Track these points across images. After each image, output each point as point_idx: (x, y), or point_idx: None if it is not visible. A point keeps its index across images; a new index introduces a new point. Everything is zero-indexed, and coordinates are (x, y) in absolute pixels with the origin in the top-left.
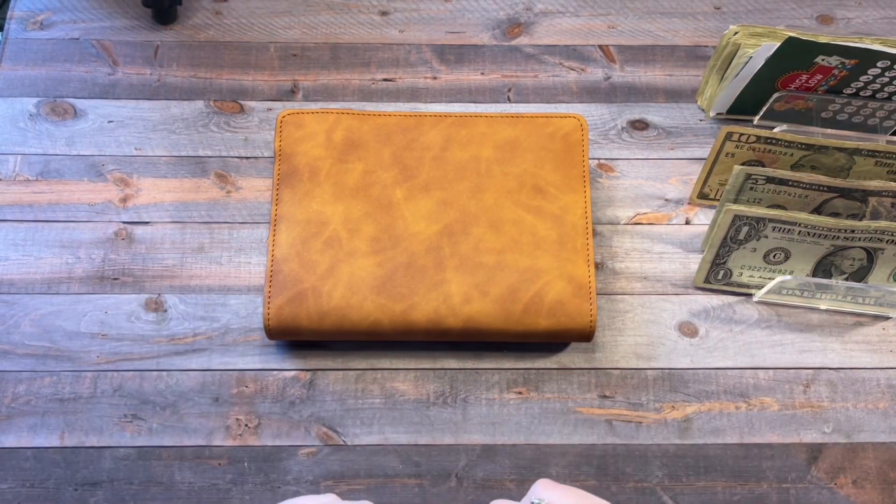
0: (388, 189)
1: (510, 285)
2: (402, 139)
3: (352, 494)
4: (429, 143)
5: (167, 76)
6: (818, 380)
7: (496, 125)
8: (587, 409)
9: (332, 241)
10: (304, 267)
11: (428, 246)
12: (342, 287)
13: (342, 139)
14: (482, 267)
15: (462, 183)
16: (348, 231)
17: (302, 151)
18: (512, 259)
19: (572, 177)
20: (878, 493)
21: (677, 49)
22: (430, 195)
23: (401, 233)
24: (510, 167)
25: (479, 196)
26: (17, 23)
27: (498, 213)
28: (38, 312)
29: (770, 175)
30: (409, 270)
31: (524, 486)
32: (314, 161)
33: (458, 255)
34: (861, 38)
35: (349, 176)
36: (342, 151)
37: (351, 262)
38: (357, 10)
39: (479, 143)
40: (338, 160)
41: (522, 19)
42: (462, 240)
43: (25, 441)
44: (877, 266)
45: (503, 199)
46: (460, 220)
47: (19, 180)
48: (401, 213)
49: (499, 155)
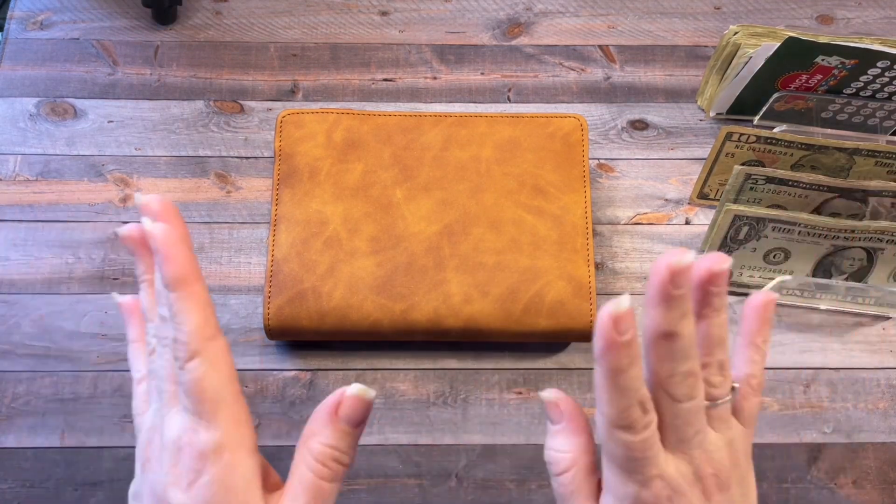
0: (388, 189)
1: (510, 285)
2: (401, 139)
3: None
4: (429, 142)
5: (167, 76)
6: (818, 380)
7: (496, 125)
8: (587, 410)
9: (332, 240)
10: (304, 267)
11: (428, 246)
12: (342, 287)
13: (342, 139)
14: (482, 267)
15: (462, 183)
16: (348, 231)
17: (302, 151)
18: (512, 259)
19: (572, 177)
20: (879, 494)
21: (677, 49)
22: (430, 195)
23: (401, 233)
24: (510, 167)
25: (479, 196)
26: (16, 23)
27: (498, 213)
28: (38, 312)
29: (770, 175)
30: (409, 270)
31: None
32: (314, 161)
33: (457, 255)
34: (861, 38)
35: (349, 176)
36: (342, 151)
37: (351, 262)
38: (357, 10)
39: (479, 143)
40: (338, 160)
41: (522, 19)
42: (462, 240)
43: (25, 441)
44: (877, 266)
45: (503, 200)
46: (460, 220)
47: (19, 180)
48: (401, 213)
49: (499, 155)
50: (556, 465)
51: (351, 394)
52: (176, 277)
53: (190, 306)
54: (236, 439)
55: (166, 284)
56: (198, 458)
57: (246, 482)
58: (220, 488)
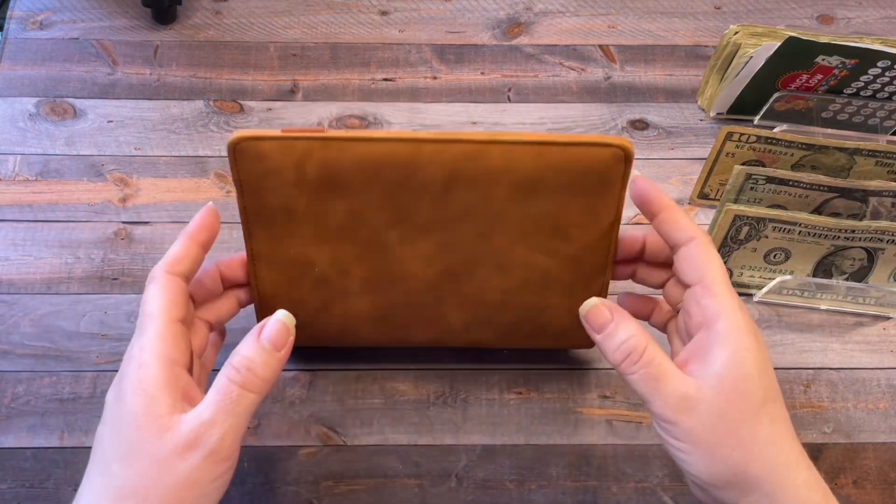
0: (380, 231)
1: (514, 319)
2: (393, 175)
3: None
4: (428, 179)
5: (167, 76)
6: (818, 380)
7: (514, 156)
8: (587, 410)
9: (321, 282)
10: (293, 304)
11: (427, 285)
12: (336, 323)
13: (317, 175)
14: (485, 304)
15: (468, 224)
16: (338, 272)
17: (269, 187)
18: (518, 297)
19: (603, 217)
20: (879, 494)
21: (677, 49)
22: (429, 237)
23: (396, 274)
24: (528, 207)
25: (488, 238)
26: (16, 22)
27: (508, 255)
28: (37, 312)
29: (770, 175)
30: (406, 306)
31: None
32: (286, 199)
33: (459, 294)
34: (861, 38)
35: (332, 216)
36: (319, 190)
37: (344, 300)
38: (357, 9)
39: (491, 181)
40: (315, 199)
41: (522, 19)
42: (465, 280)
43: (25, 441)
44: (877, 266)
45: (515, 243)
46: (464, 262)
47: (19, 180)
48: (395, 255)
49: (515, 195)
50: (636, 348)
51: (274, 318)
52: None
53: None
54: (157, 350)
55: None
56: (125, 361)
57: (158, 382)
58: (135, 386)
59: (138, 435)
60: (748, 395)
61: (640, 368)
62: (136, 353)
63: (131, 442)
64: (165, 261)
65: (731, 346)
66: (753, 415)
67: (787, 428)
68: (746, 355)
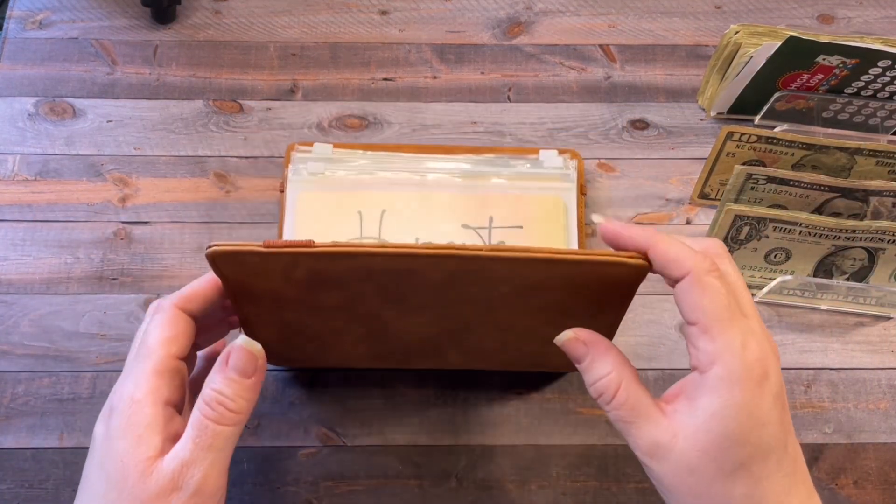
0: (376, 310)
1: (514, 357)
2: (388, 279)
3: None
4: (426, 281)
5: (166, 76)
6: (819, 380)
7: (520, 271)
8: (587, 410)
9: (315, 338)
10: (290, 350)
11: (425, 339)
12: (333, 361)
13: (306, 278)
14: (484, 351)
15: (468, 307)
16: (332, 333)
17: (255, 284)
18: (519, 345)
19: (610, 305)
20: (879, 494)
21: (678, 48)
22: (425, 312)
23: (393, 333)
24: (533, 300)
25: (489, 312)
26: (15, 22)
27: (510, 321)
28: (36, 312)
29: (771, 175)
30: (405, 353)
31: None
32: (275, 292)
33: (458, 345)
34: (862, 38)
35: (325, 301)
36: (310, 287)
37: (340, 349)
38: (357, 9)
39: (493, 286)
40: (307, 292)
41: (522, 19)
42: (464, 337)
43: (24, 441)
44: (878, 266)
45: (518, 316)
46: (464, 327)
47: (18, 180)
48: (393, 324)
49: (521, 291)
50: (607, 389)
51: (237, 345)
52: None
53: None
54: (152, 387)
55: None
56: (117, 392)
57: (148, 422)
58: (125, 425)
59: (123, 476)
60: (723, 456)
61: (612, 410)
62: (130, 387)
63: (116, 482)
64: (180, 294)
65: (721, 400)
66: (727, 475)
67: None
68: (735, 413)
